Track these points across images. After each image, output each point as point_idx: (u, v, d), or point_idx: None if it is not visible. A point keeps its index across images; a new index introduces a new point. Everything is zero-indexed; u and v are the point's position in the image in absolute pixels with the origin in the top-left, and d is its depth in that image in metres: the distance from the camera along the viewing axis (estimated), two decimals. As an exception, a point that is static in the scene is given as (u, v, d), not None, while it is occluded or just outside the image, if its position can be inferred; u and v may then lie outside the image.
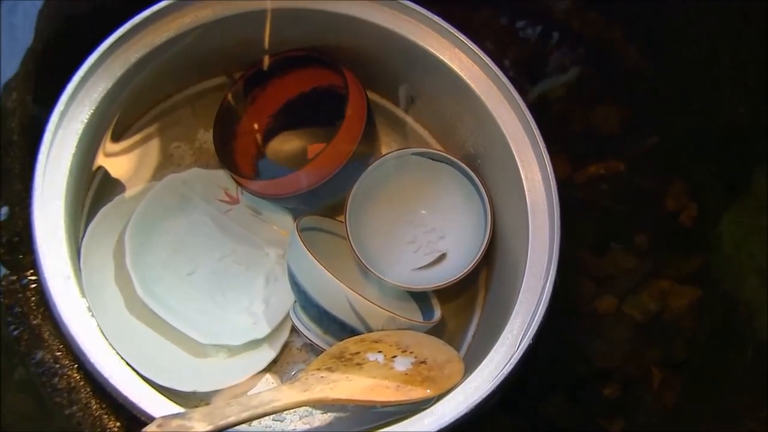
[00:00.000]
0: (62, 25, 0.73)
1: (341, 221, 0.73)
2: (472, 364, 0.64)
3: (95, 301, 0.62)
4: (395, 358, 0.65)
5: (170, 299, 0.70)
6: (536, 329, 0.62)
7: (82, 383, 0.63)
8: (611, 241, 0.82)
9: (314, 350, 0.72)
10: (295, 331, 0.72)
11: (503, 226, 0.71)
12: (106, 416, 0.63)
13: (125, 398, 0.58)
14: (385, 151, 0.78)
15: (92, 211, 0.70)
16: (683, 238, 0.82)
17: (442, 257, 0.75)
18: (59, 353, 0.63)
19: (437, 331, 0.71)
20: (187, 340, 0.69)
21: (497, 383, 0.60)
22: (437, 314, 0.72)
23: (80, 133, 0.64)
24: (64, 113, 0.64)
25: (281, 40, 0.73)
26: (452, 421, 0.59)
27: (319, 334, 0.69)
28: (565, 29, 0.88)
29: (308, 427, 0.69)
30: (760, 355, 0.71)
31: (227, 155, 0.75)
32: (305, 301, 0.68)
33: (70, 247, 0.62)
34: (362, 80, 0.73)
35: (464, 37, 0.69)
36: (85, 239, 0.68)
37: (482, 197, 0.72)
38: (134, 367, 0.60)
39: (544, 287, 0.64)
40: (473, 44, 0.69)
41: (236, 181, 0.76)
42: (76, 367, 0.63)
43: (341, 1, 0.70)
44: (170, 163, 0.77)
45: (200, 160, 0.78)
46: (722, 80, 0.81)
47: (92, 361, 0.58)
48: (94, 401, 0.63)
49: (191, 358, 0.70)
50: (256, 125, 0.78)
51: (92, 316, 0.60)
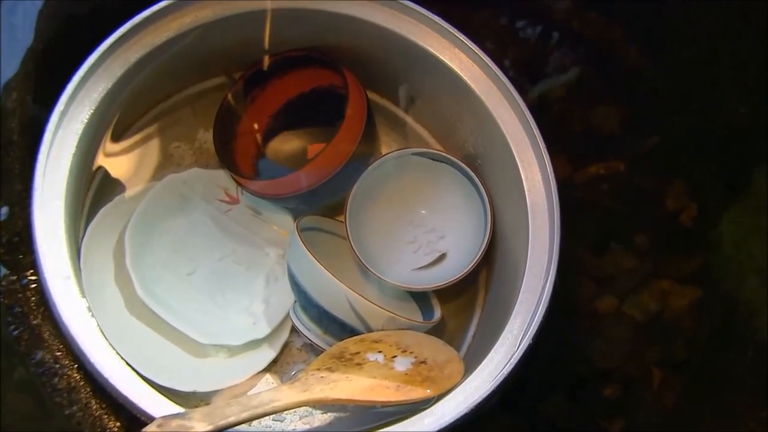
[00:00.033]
0: (62, 25, 0.73)
1: (341, 221, 0.73)
2: (472, 364, 0.64)
3: (95, 301, 0.62)
4: (395, 358, 0.65)
5: (170, 299, 0.70)
6: (536, 329, 0.62)
7: (82, 383, 0.63)
8: (611, 241, 0.82)
9: (314, 350, 0.71)
10: (295, 331, 0.72)
11: (503, 226, 0.71)
12: (106, 416, 0.63)
13: (125, 398, 0.58)
14: (385, 151, 0.78)
15: (92, 211, 0.70)
16: (683, 238, 0.82)
17: (442, 257, 0.75)
18: (59, 353, 0.63)
19: (437, 331, 0.71)
20: (187, 340, 0.69)
21: (497, 383, 0.60)
22: (437, 314, 0.72)
23: (80, 133, 0.64)
24: (64, 113, 0.64)
25: (281, 40, 0.73)
26: (452, 421, 0.59)
27: (319, 334, 0.69)
28: (565, 29, 0.88)
29: (308, 427, 0.69)
30: (760, 355, 0.71)
31: (227, 155, 0.75)
32: (305, 301, 0.68)
33: (70, 247, 0.62)
34: (362, 80, 0.73)
35: (464, 37, 0.69)
36: (85, 239, 0.68)
37: (482, 197, 0.72)
38: (134, 367, 0.60)
39: (544, 287, 0.64)
40: (473, 44, 0.69)
41: (236, 181, 0.76)
42: (76, 367, 0.63)
43: (341, 1, 0.70)
44: (170, 163, 0.77)
45: (200, 160, 0.78)
46: (722, 80, 0.81)
47: (92, 361, 0.58)
48: (94, 401, 0.62)
49: (191, 358, 0.70)
50: (256, 125, 0.78)
51: (92, 316, 0.60)
